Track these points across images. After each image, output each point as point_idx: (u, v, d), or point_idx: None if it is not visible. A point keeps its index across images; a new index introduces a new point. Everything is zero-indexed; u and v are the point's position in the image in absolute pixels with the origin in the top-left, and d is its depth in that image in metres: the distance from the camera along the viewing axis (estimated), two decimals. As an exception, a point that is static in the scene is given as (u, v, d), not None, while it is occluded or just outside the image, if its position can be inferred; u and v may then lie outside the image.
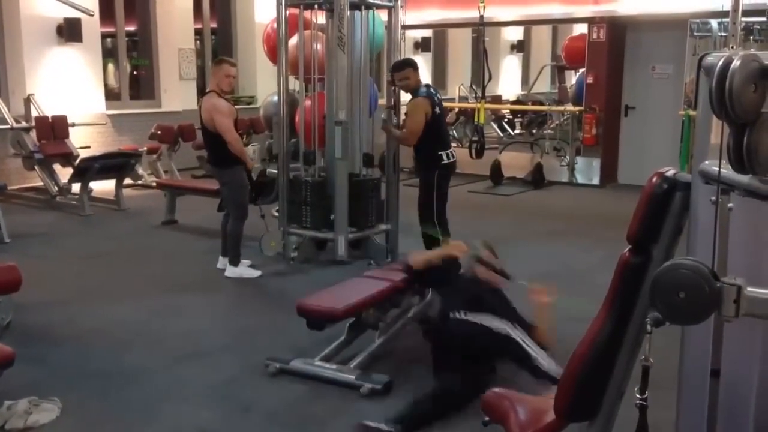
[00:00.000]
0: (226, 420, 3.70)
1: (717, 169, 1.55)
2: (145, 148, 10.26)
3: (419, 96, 5.99)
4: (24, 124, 9.45)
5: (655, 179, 1.92)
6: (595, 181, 10.58)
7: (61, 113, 9.65)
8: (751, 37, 8.84)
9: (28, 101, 9.69)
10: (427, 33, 14.23)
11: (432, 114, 5.95)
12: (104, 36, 11.17)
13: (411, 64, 6.17)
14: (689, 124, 8.75)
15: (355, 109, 6.35)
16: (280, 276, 6.20)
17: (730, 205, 1.62)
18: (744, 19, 7.15)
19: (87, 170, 8.56)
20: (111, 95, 11.38)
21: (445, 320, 3.89)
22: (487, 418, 2.53)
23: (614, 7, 10.21)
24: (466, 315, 3.81)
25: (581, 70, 11.49)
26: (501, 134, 13.94)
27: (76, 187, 8.79)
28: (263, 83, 11.85)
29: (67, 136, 9.61)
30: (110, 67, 11.90)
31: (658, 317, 1.52)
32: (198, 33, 12.45)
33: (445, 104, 6.71)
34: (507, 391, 2.55)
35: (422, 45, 14.30)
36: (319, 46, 6.54)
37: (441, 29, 14.12)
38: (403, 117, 6.64)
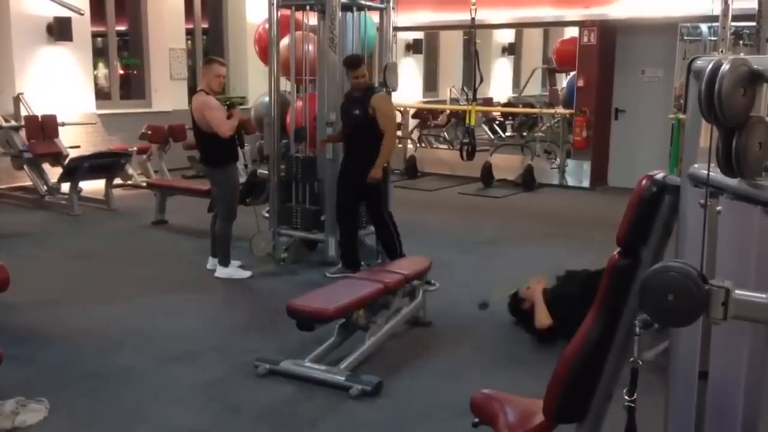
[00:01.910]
0: (215, 420, 3.70)
1: (706, 172, 1.56)
2: (136, 148, 10.22)
3: (381, 92, 5.91)
4: (13, 123, 9.39)
5: (644, 182, 1.93)
6: (586, 183, 10.62)
7: (50, 112, 9.60)
8: (741, 42, 8.89)
9: (17, 100, 9.63)
10: (419, 35, 14.23)
11: None
12: (95, 35, 11.12)
13: (364, 61, 5.96)
14: (679, 128, 8.79)
15: (346, 110, 6.33)
16: (271, 277, 6.19)
17: (718, 208, 1.63)
18: (733, 23, 7.22)
19: (76, 170, 8.52)
20: (101, 95, 11.34)
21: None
22: (476, 419, 2.54)
23: (605, 10, 10.25)
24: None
25: (572, 73, 11.53)
26: (492, 136, 13.96)
27: (65, 187, 8.76)
28: (254, 84, 11.83)
29: (56, 135, 9.56)
30: (100, 66, 11.85)
31: (647, 319, 1.53)
32: (189, 33, 12.41)
33: (436, 106, 6.69)
34: (496, 393, 2.55)
35: (414, 47, 14.30)
36: (310, 47, 6.54)
37: (432, 31, 14.12)
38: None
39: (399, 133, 11.69)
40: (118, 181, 9.37)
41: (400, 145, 11.77)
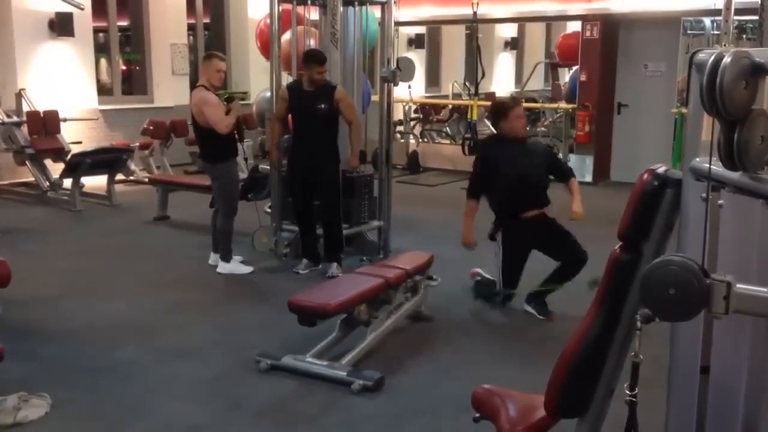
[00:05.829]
0: (217, 416, 3.70)
1: (707, 165, 1.55)
2: (137, 144, 10.23)
3: (337, 86, 5.92)
4: (15, 118, 9.38)
5: (646, 176, 1.91)
6: (588, 178, 10.59)
7: (52, 108, 9.60)
8: (744, 36, 8.87)
9: (19, 96, 9.63)
10: (421, 30, 14.20)
11: None
12: (96, 31, 11.12)
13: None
14: (682, 123, 8.77)
15: (347, 105, 6.32)
16: (272, 272, 6.19)
17: (720, 201, 1.62)
18: (737, 17, 7.20)
19: (78, 165, 8.52)
20: (103, 90, 11.33)
21: None
22: (477, 414, 2.53)
23: (608, 4, 10.22)
24: None
25: (575, 68, 11.50)
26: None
27: (67, 183, 8.75)
28: (256, 79, 11.82)
29: (58, 131, 9.56)
30: (102, 62, 11.85)
31: (648, 314, 1.53)
32: (191, 28, 12.40)
33: (438, 101, 6.68)
34: (498, 388, 2.55)
35: (416, 42, 14.27)
36: (312, 42, 6.54)
37: (434, 26, 14.10)
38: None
39: (401, 128, 11.73)
40: (120, 176, 9.37)
41: (402, 141, 11.79)
